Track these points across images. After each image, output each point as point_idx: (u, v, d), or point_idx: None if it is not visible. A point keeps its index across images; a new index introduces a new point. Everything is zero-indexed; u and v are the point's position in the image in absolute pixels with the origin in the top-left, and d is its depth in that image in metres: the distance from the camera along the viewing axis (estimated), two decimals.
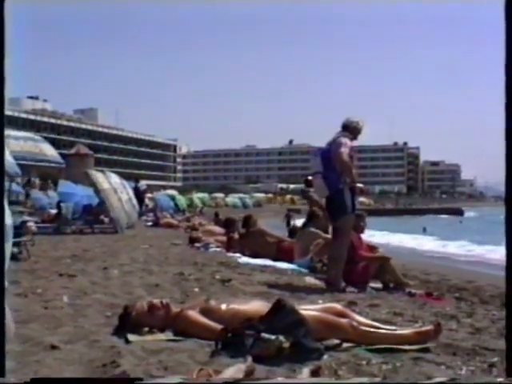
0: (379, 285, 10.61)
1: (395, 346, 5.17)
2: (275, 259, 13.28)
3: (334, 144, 9.85)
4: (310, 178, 10.55)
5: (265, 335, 4.76)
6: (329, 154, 9.87)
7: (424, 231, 48.20)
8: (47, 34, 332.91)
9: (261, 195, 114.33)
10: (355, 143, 10.23)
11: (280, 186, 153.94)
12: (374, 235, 30.08)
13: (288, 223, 21.95)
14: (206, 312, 5.31)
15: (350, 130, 10.05)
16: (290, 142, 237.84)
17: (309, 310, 5.40)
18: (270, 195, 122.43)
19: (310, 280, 10.57)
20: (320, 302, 7.49)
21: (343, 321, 5.24)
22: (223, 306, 5.39)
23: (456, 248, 30.86)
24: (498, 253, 27.81)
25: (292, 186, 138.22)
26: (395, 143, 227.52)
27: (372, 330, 5.36)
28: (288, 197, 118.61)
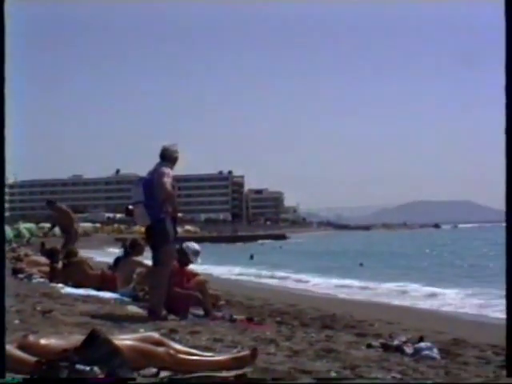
0: (201, 311, 10.66)
1: (212, 374, 5.18)
2: (99, 289, 13.10)
3: (157, 174, 9.88)
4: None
5: (80, 366, 4.67)
6: (151, 184, 9.88)
7: (251, 258, 49.03)
8: None
9: (88, 225, 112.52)
10: (177, 171, 10.30)
11: (107, 215, 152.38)
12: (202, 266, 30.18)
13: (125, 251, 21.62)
14: (23, 347, 5.15)
15: (168, 158, 10.12)
16: (117, 171, 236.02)
17: (125, 339, 5.33)
18: (98, 225, 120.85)
19: (133, 309, 10.51)
20: (142, 330, 7.42)
21: (160, 349, 5.21)
22: (42, 341, 5.25)
23: (280, 274, 31.51)
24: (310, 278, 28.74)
25: (119, 216, 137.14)
26: (220, 172, 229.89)
27: (189, 357, 5.36)
28: (115, 226, 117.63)
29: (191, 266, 11.29)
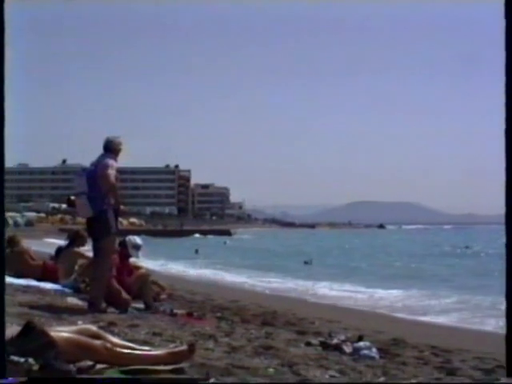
0: (142, 305, 10.57)
1: (149, 367, 5.14)
2: (40, 279, 12.95)
3: (100, 165, 9.80)
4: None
5: (14, 358, 4.61)
6: (94, 175, 9.80)
7: (196, 253, 49.32)
8: None
9: (32, 214, 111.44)
10: (124, 164, 10.24)
11: (52, 205, 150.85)
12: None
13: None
14: None
15: (112, 150, 10.04)
16: (64, 161, 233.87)
17: (62, 331, 5.26)
18: (42, 214, 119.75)
19: (72, 300, 10.42)
20: (80, 322, 7.37)
21: (96, 342, 5.15)
22: None
23: (222, 270, 31.62)
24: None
25: (64, 206, 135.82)
26: (167, 166, 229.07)
27: (126, 351, 5.31)
28: (59, 216, 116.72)
29: (134, 260, 11.21)
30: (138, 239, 11.05)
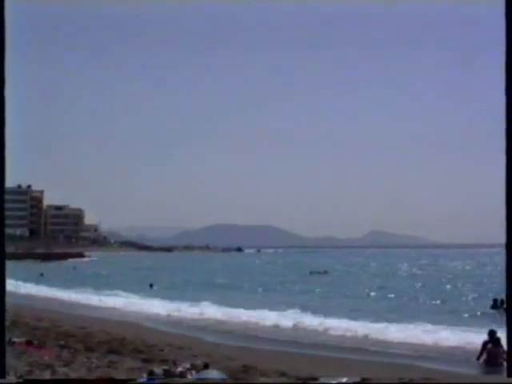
0: None
1: None
2: None
3: None
4: None
5: None
6: None
7: (41, 276, 49.66)
8: None
9: None
10: None
11: None
12: None
13: None
14: None
15: None
16: None
17: None
18: None
19: None
20: None
21: None
22: None
23: (74, 294, 31.27)
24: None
25: None
26: (19, 186, 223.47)
27: None
28: None
29: None
30: None
